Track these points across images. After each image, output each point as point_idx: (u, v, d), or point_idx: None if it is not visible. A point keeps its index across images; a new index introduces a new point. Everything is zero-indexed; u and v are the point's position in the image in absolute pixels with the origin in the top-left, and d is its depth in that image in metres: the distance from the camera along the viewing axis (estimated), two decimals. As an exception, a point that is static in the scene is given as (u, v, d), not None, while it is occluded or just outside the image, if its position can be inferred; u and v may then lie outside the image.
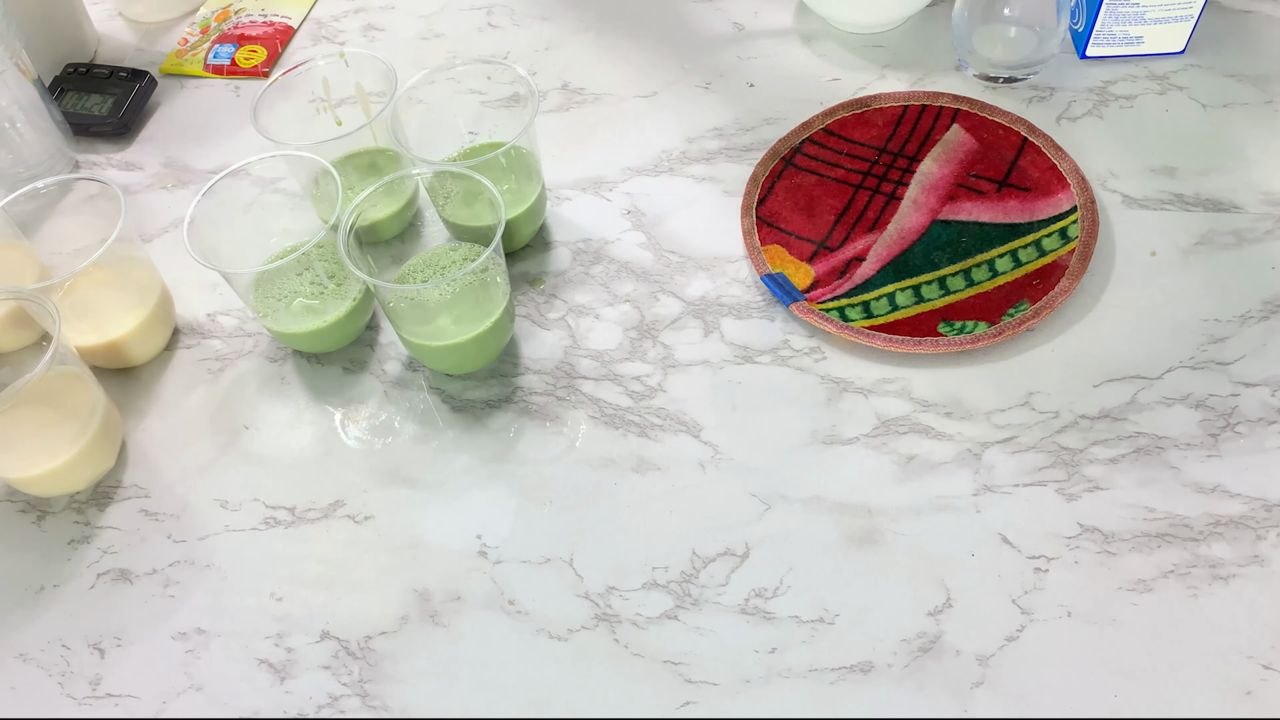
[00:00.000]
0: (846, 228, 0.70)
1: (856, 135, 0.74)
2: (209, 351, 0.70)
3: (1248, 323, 0.63)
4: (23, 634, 0.59)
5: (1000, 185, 0.70)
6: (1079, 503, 0.57)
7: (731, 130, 0.77)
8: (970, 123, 0.73)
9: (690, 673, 0.54)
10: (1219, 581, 0.53)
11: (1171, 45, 0.75)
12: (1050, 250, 0.66)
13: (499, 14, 0.89)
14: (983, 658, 0.52)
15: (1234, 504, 0.56)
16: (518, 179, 0.70)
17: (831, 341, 0.65)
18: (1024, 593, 0.54)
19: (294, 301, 0.66)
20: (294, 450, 0.65)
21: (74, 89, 0.85)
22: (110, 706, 0.56)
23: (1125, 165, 0.71)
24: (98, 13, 0.95)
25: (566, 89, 0.82)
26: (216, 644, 0.58)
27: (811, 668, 0.53)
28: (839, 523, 0.58)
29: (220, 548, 0.61)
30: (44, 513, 0.64)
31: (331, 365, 0.68)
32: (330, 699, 0.55)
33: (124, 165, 0.83)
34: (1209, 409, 0.59)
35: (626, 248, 0.71)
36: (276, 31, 0.90)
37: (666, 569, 0.57)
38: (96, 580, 0.61)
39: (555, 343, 0.67)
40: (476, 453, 0.63)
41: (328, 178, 0.66)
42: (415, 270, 0.66)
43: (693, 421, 0.62)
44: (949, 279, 0.66)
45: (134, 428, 0.67)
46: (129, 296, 0.68)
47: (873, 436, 0.61)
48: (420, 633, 0.57)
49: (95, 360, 0.68)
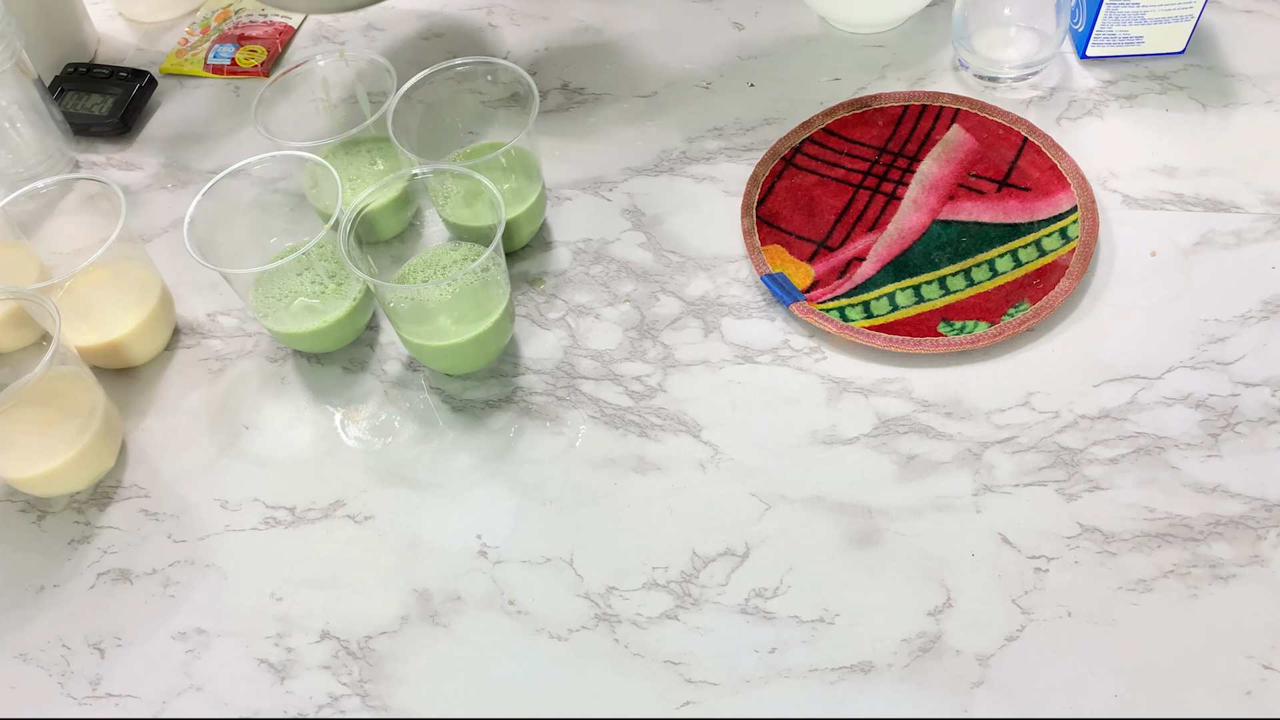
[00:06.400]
0: (846, 228, 0.70)
1: (856, 135, 0.74)
2: (209, 351, 0.70)
3: (1248, 323, 0.63)
4: (23, 634, 0.59)
5: (1000, 185, 0.70)
6: (1079, 503, 0.57)
7: (731, 130, 0.77)
8: (970, 123, 0.73)
9: (690, 673, 0.54)
10: (1219, 581, 0.53)
11: (1171, 45, 0.75)
12: (1050, 250, 0.66)
13: (499, 14, 0.89)
14: (983, 658, 0.53)
15: (1234, 504, 0.56)
16: (518, 179, 0.70)
17: (831, 341, 0.65)
18: (1024, 593, 0.54)
19: (294, 301, 0.66)
20: (294, 450, 0.65)
21: (74, 89, 0.85)
22: (110, 706, 0.56)
23: (1125, 165, 0.71)
24: (98, 13, 0.95)
25: (566, 89, 0.82)
26: (216, 644, 0.58)
27: (811, 668, 0.53)
28: (839, 523, 0.58)
29: (220, 548, 0.61)
30: (44, 513, 0.64)
31: (331, 365, 0.68)
32: (330, 699, 0.55)
33: (124, 165, 0.83)
34: (1209, 409, 0.59)
35: (626, 248, 0.71)
36: (276, 31, 0.90)
37: (666, 569, 0.57)
38: (96, 580, 0.61)
39: (555, 343, 0.67)
40: (476, 453, 0.63)
41: (327, 177, 0.66)
42: (415, 270, 0.66)
43: (693, 421, 0.62)
44: (949, 279, 0.66)
45: (134, 428, 0.67)
46: (129, 296, 0.68)
47: (873, 436, 0.61)
48: (420, 633, 0.57)
49: (95, 360, 0.68)
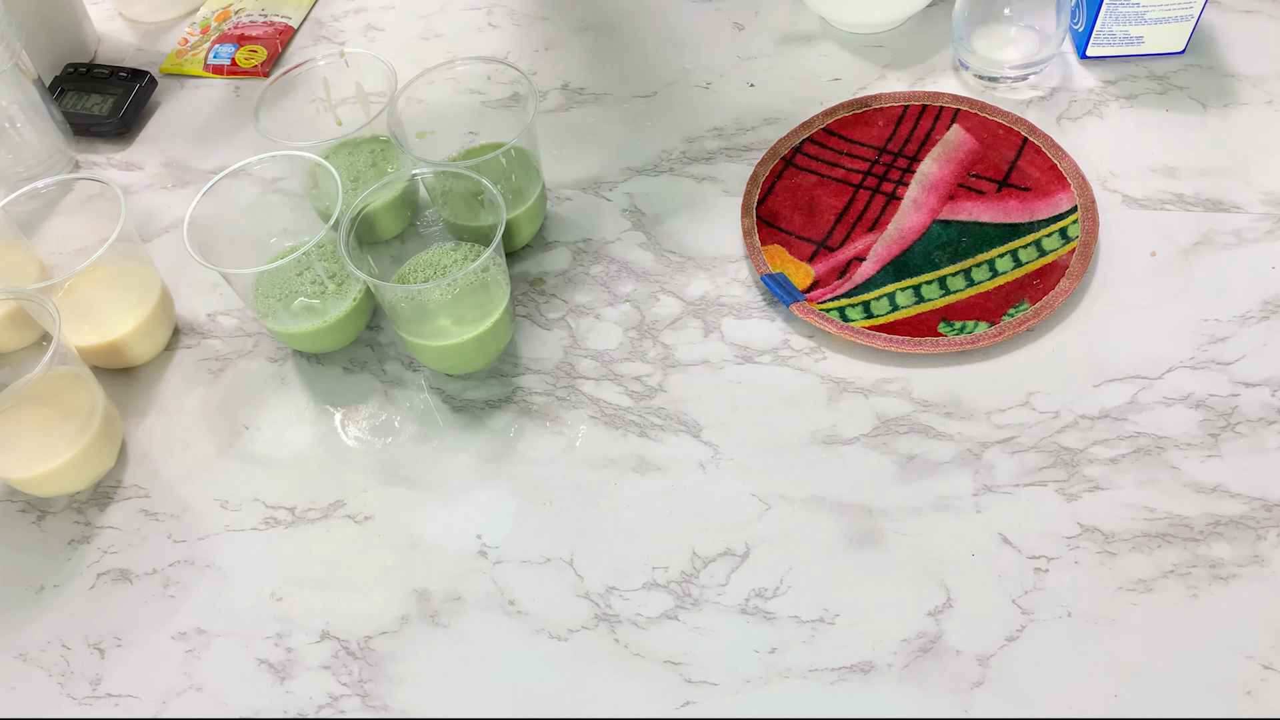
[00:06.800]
0: (847, 228, 0.70)
1: (857, 135, 0.74)
2: (209, 351, 0.70)
3: (1248, 323, 0.63)
4: (23, 634, 0.59)
5: (1000, 185, 0.70)
6: (1079, 503, 0.57)
7: (731, 130, 0.77)
8: (970, 123, 0.73)
9: (690, 673, 0.54)
10: (1219, 581, 0.53)
11: (1172, 45, 0.75)
12: (1050, 250, 0.66)
13: (499, 14, 0.89)
14: (983, 658, 0.52)
15: (1234, 504, 0.56)
16: (518, 179, 0.70)
17: (831, 341, 0.65)
18: (1024, 593, 0.54)
19: (294, 301, 0.66)
20: (294, 450, 0.65)
21: (74, 89, 0.85)
22: (110, 706, 0.56)
23: (1125, 165, 0.71)
24: (98, 13, 0.95)
25: (566, 89, 0.82)
26: (216, 644, 0.58)
27: (811, 668, 0.53)
28: (839, 523, 0.58)
29: (220, 548, 0.61)
30: (44, 513, 0.64)
31: (331, 365, 0.68)
32: (330, 699, 0.55)
33: (124, 165, 0.83)
34: (1209, 409, 0.59)
35: (626, 248, 0.71)
36: (276, 31, 0.90)
37: (666, 569, 0.57)
38: (96, 580, 0.61)
39: (555, 343, 0.67)
40: (476, 453, 0.63)
41: (327, 177, 0.66)
42: (415, 270, 0.66)
43: (693, 421, 0.62)
44: (949, 279, 0.66)
45: (134, 428, 0.67)
46: (129, 296, 0.68)
47: (873, 436, 0.61)
48: (420, 633, 0.57)
49: (95, 360, 0.68)
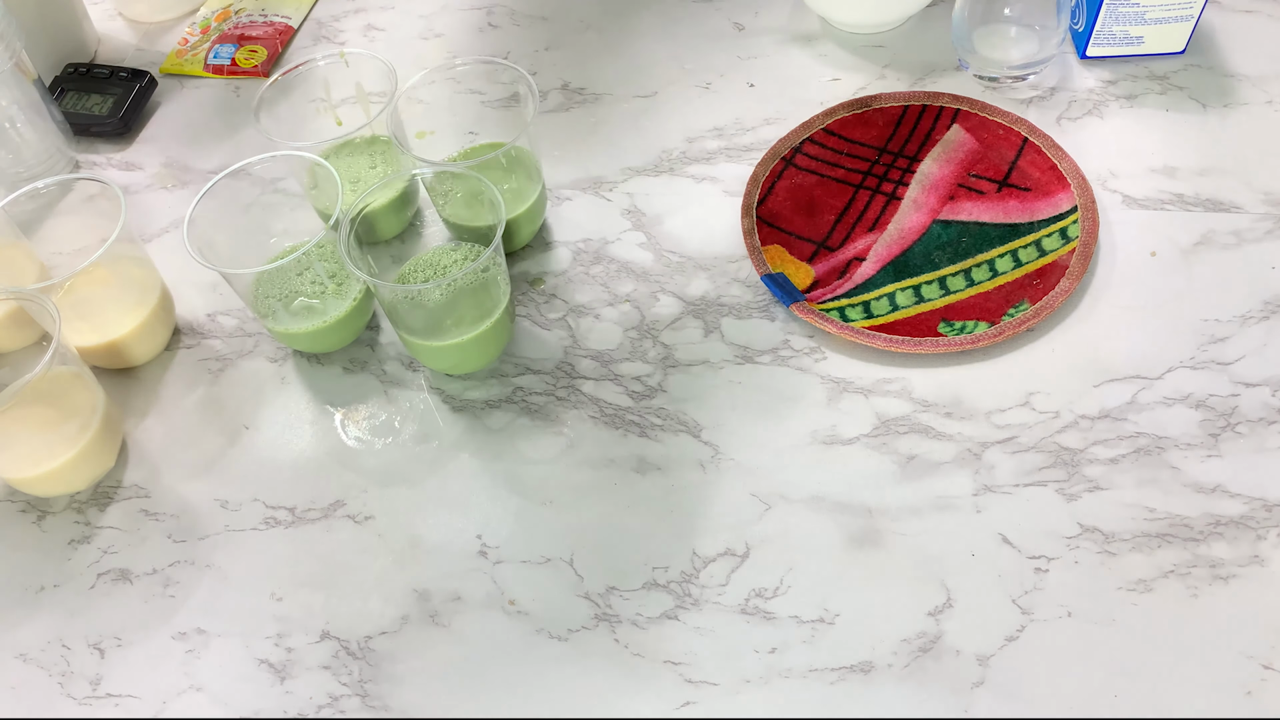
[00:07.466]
0: (847, 228, 0.70)
1: (856, 135, 0.74)
2: (209, 351, 0.70)
3: (1248, 323, 0.63)
4: (23, 634, 0.59)
5: (1000, 185, 0.70)
6: (1079, 503, 0.57)
7: (731, 130, 0.77)
8: (970, 123, 0.73)
9: (690, 673, 0.54)
10: (1219, 581, 0.53)
11: (1172, 45, 0.75)
12: (1050, 250, 0.66)
13: (499, 14, 0.89)
14: (983, 658, 0.52)
15: (1234, 504, 0.56)
16: (518, 179, 0.70)
17: (831, 341, 0.65)
18: (1024, 593, 0.54)
19: (294, 301, 0.66)
20: (294, 450, 0.65)
21: (74, 89, 0.85)
22: (110, 706, 0.56)
23: (1125, 165, 0.71)
24: (98, 13, 0.94)
25: (566, 89, 0.82)
26: (216, 644, 0.58)
27: (812, 668, 0.53)
28: (839, 523, 0.58)
29: (220, 548, 0.61)
30: (44, 513, 0.64)
31: (331, 365, 0.68)
32: (330, 699, 0.55)
33: (124, 165, 0.83)
34: (1209, 409, 0.59)
35: (626, 248, 0.71)
36: (276, 31, 0.90)
37: (666, 569, 0.57)
38: (96, 580, 0.61)
39: (555, 343, 0.67)
40: (476, 453, 0.63)
41: (327, 177, 0.66)
42: (415, 270, 0.66)
43: (693, 421, 0.62)
44: (949, 279, 0.66)
45: (134, 428, 0.67)
46: (129, 296, 0.68)
47: (873, 436, 0.61)
48: (420, 633, 0.57)
49: (95, 360, 0.68)
